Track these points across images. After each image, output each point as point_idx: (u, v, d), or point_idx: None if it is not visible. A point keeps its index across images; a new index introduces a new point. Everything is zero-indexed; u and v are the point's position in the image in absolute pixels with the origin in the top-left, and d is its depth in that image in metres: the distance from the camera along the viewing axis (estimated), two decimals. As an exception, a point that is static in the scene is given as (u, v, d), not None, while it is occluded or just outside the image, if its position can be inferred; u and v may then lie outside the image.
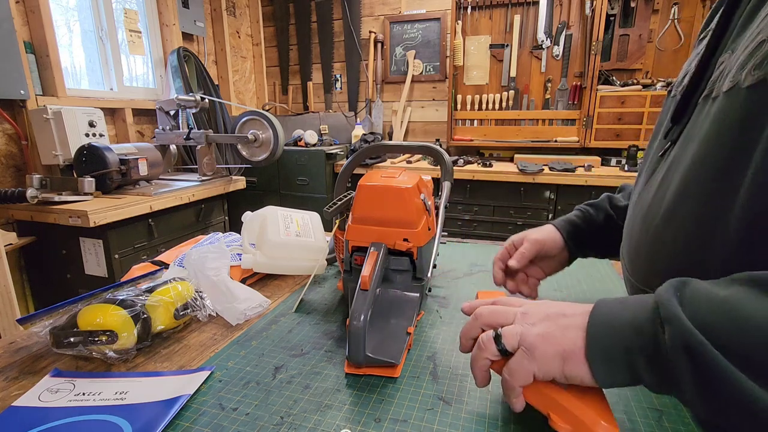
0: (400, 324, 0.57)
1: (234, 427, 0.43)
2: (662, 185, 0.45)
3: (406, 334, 0.55)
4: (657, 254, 0.45)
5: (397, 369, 0.51)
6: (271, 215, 0.81)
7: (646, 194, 0.49)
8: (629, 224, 0.53)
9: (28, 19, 1.79)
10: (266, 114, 2.10)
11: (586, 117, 2.51)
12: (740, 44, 0.39)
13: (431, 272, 0.62)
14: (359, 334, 0.48)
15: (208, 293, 0.66)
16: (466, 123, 2.84)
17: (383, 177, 0.62)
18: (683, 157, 0.42)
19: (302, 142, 2.72)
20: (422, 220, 0.60)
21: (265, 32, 3.29)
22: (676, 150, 0.45)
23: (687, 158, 0.41)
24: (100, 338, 0.52)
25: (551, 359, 0.36)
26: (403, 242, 0.58)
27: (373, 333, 0.55)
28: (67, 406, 0.45)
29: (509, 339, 0.38)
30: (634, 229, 0.51)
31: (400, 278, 0.62)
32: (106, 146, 1.70)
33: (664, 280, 0.35)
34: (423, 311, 0.66)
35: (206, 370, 0.51)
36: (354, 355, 0.49)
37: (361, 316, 0.49)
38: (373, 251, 0.56)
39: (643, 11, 2.42)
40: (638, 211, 0.50)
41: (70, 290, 1.72)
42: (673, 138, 0.47)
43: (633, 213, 0.53)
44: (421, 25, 2.88)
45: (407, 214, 0.58)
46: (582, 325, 0.36)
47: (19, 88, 1.68)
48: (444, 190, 0.69)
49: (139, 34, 2.35)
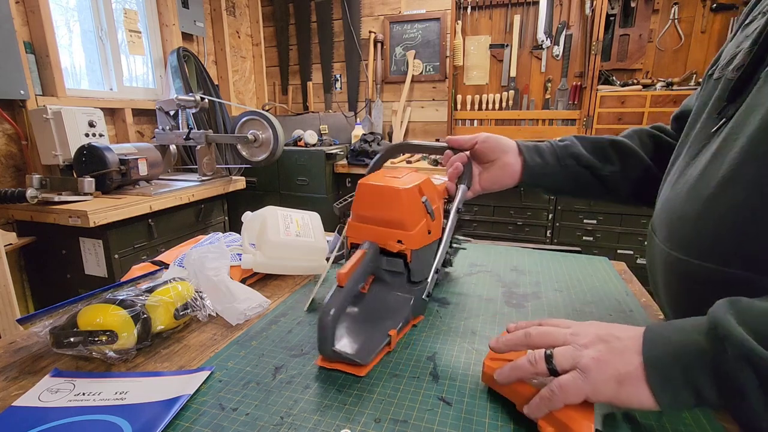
0: (384, 325, 0.56)
1: (234, 427, 0.43)
2: (717, 156, 0.44)
3: (386, 336, 0.54)
4: (708, 222, 0.43)
5: (364, 369, 0.50)
6: (271, 215, 0.81)
7: (692, 169, 0.48)
8: (668, 201, 0.52)
9: (28, 19, 1.79)
10: (266, 114, 2.10)
11: (586, 117, 2.51)
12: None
13: (432, 277, 0.60)
14: (326, 327, 0.49)
15: (208, 293, 0.66)
16: (466, 123, 2.84)
17: (386, 176, 0.62)
18: (746, 125, 0.41)
19: (302, 142, 2.72)
20: (419, 223, 0.59)
21: (265, 32, 3.29)
22: (733, 122, 0.44)
23: (752, 125, 0.40)
24: (100, 338, 0.52)
25: (606, 382, 0.36)
26: (396, 244, 0.58)
27: (355, 331, 0.56)
28: (67, 406, 0.45)
29: (562, 360, 0.38)
30: (676, 202, 0.49)
31: (395, 280, 0.62)
32: (105, 146, 1.70)
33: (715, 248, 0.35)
34: (422, 315, 0.65)
35: (206, 370, 0.51)
36: (321, 347, 0.50)
37: (331, 310, 0.49)
38: (360, 250, 0.56)
39: (643, 11, 2.42)
40: (683, 185, 0.49)
41: (70, 290, 1.72)
42: (728, 114, 0.45)
43: (673, 190, 0.51)
44: (421, 25, 2.88)
45: (401, 215, 0.57)
46: (637, 349, 0.36)
47: (19, 88, 1.68)
48: (458, 193, 0.66)
49: (138, 34, 2.35)
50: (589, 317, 0.65)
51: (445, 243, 0.62)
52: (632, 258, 2.23)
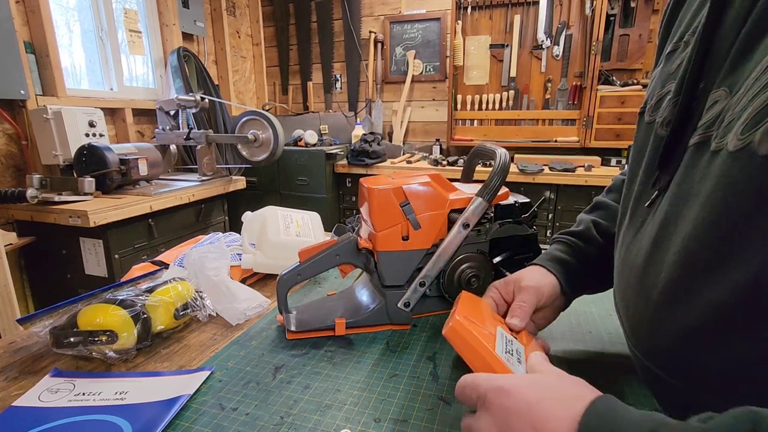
0: (337, 313, 0.62)
1: (234, 427, 0.43)
2: (657, 247, 0.40)
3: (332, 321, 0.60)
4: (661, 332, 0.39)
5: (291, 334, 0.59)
6: (271, 215, 0.81)
7: (636, 251, 0.44)
8: (622, 281, 0.47)
9: (28, 19, 1.79)
10: (266, 114, 2.10)
11: (586, 117, 2.51)
12: (740, 84, 0.33)
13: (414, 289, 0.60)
14: (281, 286, 0.59)
15: (208, 293, 0.66)
16: (466, 123, 2.84)
17: (389, 177, 0.64)
18: (681, 219, 0.37)
19: (302, 142, 2.73)
20: (391, 226, 0.58)
21: (265, 32, 3.29)
22: (667, 206, 0.39)
23: (687, 222, 0.36)
24: (100, 338, 0.52)
25: None
26: (363, 239, 0.61)
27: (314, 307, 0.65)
28: (67, 406, 0.45)
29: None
30: (628, 293, 0.44)
31: (374, 279, 0.64)
32: (106, 146, 1.70)
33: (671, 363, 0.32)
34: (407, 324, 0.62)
35: (206, 370, 0.51)
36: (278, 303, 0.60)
37: (286, 274, 0.59)
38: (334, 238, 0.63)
39: (643, 11, 2.42)
40: (629, 269, 0.44)
41: (70, 290, 1.72)
42: (661, 187, 0.41)
43: (623, 269, 0.46)
44: (421, 25, 2.88)
45: (372, 214, 0.59)
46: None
47: (19, 88, 1.68)
48: (469, 206, 0.59)
49: (139, 34, 2.35)
50: (589, 317, 0.65)
51: (437, 257, 0.59)
52: (632, 258, 2.23)
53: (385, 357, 0.55)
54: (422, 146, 3.02)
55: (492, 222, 0.63)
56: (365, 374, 0.51)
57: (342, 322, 0.59)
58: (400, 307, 0.61)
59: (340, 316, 0.60)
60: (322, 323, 0.60)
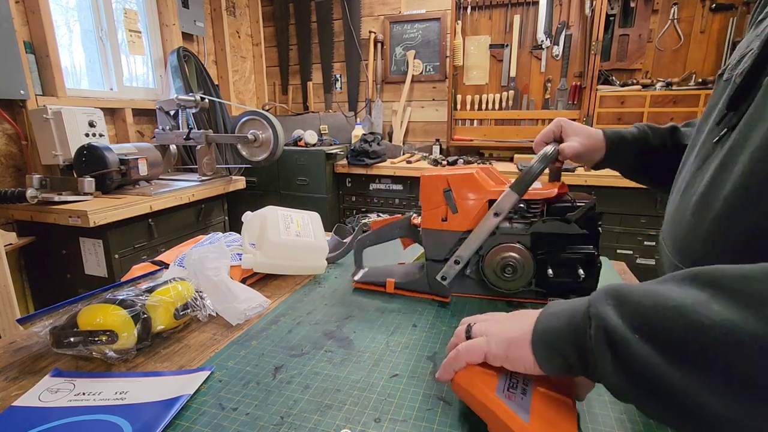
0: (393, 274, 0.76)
1: (234, 427, 0.43)
2: (722, 171, 0.43)
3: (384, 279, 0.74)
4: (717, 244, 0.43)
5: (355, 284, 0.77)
6: (271, 215, 0.81)
7: (698, 181, 0.47)
8: (677, 211, 0.52)
9: (28, 19, 1.79)
10: (266, 114, 2.10)
11: (586, 117, 2.51)
12: None
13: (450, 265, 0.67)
14: (358, 246, 0.78)
15: (208, 293, 0.66)
16: (466, 123, 2.84)
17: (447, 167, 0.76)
18: (749, 140, 0.40)
19: (302, 142, 2.72)
20: (433, 208, 0.67)
21: (265, 32, 3.29)
22: (736, 135, 0.42)
23: (755, 140, 0.39)
24: (100, 338, 0.53)
25: (500, 343, 0.41)
26: (414, 217, 0.73)
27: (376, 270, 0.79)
28: (67, 406, 0.45)
29: (476, 330, 0.45)
30: (684, 215, 0.49)
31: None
32: (106, 146, 1.70)
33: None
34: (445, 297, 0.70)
35: (206, 370, 0.51)
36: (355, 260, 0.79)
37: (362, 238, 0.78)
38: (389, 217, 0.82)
39: (643, 11, 2.42)
40: (688, 198, 0.48)
41: (70, 290, 1.72)
42: (730, 124, 0.44)
43: (681, 201, 0.51)
44: (421, 25, 2.88)
45: (421, 197, 0.69)
46: (534, 316, 0.40)
47: (19, 88, 1.68)
48: (501, 197, 0.64)
49: (139, 34, 2.35)
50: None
51: (470, 239, 0.65)
52: (632, 258, 2.23)
53: (385, 357, 0.55)
54: (422, 146, 3.02)
55: (540, 217, 0.66)
56: (365, 374, 0.51)
57: (392, 282, 0.73)
58: (438, 279, 0.68)
59: (394, 278, 0.73)
60: (380, 280, 0.74)
